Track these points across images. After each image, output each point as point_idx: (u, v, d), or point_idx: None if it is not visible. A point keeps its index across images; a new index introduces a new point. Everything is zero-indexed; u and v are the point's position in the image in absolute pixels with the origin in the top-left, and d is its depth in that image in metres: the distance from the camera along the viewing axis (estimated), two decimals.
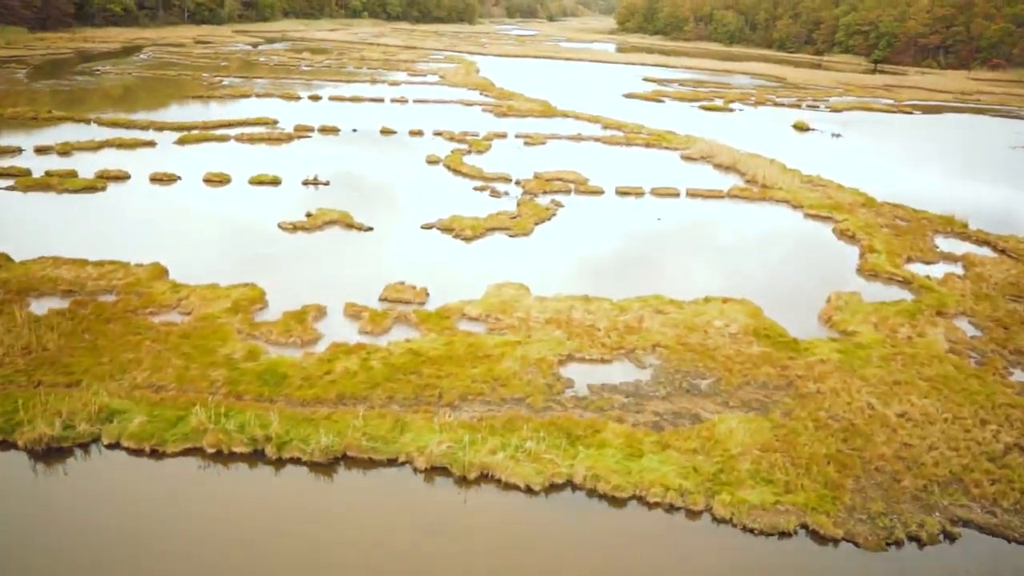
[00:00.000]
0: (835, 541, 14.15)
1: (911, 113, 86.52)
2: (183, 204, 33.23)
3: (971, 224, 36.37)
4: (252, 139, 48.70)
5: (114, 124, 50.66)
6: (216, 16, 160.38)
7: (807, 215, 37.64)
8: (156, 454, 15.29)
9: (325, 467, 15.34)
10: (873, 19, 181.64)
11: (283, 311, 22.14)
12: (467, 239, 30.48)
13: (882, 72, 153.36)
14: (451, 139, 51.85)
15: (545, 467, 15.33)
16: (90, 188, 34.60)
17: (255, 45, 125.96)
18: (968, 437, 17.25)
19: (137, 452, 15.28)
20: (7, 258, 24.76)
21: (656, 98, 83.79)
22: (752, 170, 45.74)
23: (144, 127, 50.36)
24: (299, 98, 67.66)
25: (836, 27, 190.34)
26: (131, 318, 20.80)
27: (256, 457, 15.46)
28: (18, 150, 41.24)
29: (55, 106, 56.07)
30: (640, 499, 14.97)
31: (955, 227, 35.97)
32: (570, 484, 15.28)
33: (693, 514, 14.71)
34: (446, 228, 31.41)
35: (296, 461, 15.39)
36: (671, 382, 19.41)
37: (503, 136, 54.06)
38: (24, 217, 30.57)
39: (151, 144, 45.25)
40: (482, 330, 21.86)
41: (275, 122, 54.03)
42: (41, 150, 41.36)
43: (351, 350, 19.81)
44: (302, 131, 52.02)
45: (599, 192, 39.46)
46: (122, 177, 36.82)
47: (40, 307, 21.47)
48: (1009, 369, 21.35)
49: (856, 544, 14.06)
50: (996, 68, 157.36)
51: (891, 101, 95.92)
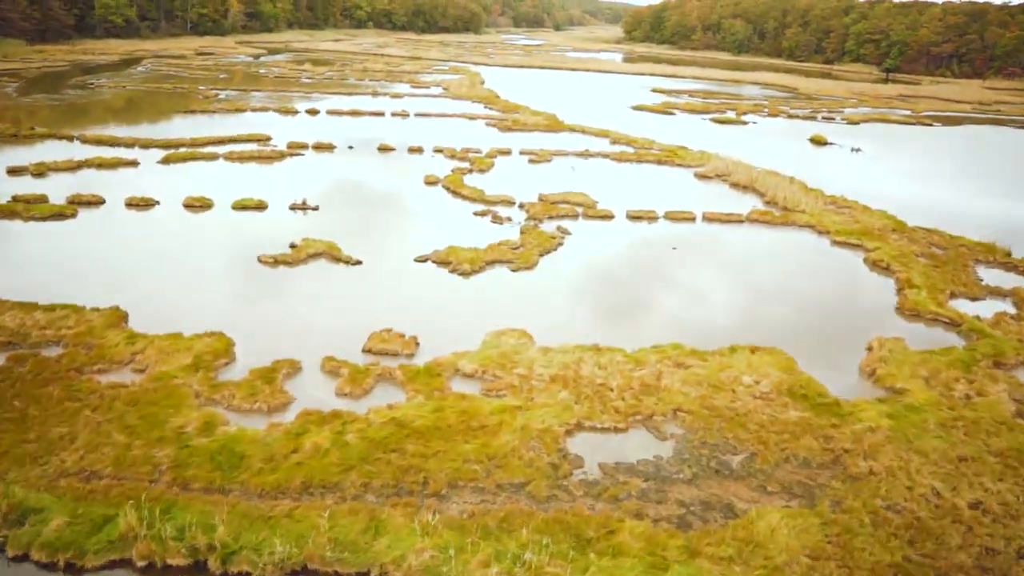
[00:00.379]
0: None
1: (930, 125, 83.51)
2: (157, 234, 30.62)
3: (1014, 251, 33.45)
4: (242, 157, 46.20)
5: (98, 141, 48.26)
6: (219, 27, 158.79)
7: (835, 242, 34.73)
8: (73, 569, 12.53)
9: None
10: (884, 28, 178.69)
11: (251, 367, 19.42)
12: (465, 274, 27.74)
13: (895, 81, 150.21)
14: (452, 156, 49.23)
15: None
16: (59, 215, 32.07)
17: (257, 56, 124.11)
18: None
19: (50, 567, 12.53)
20: None
21: (666, 110, 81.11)
22: (771, 190, 42.91)
23: (129, 144, 47.96)
24: (296, 112, 65.28)
25: (846, 36, 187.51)
26: (73, 379, 18.11)
27: (196, 572, 12.68)
28: None
29: (41, 122, 53.79)
30: None
31: (997, 256, 33.03)
32: None
33: None
34: (442, 261, 28.68)
35: None
36: (697, 459, 16.55)
37: (507, 153, 51.42)
38: None
39: (133, 164, 42.77)
40: (478, 390, 19.07)
41: (268, 138, 51.57)
42: (14, 171, 38.91)
43: (324, 419, 17.05)
44: (295, 148, 49.51)
45: (609, 216, 36.68)
46: (95, 202, 34.29)
47: None
48: None
49: None
50: (1012, 77, 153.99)
51: (908, 112, 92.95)
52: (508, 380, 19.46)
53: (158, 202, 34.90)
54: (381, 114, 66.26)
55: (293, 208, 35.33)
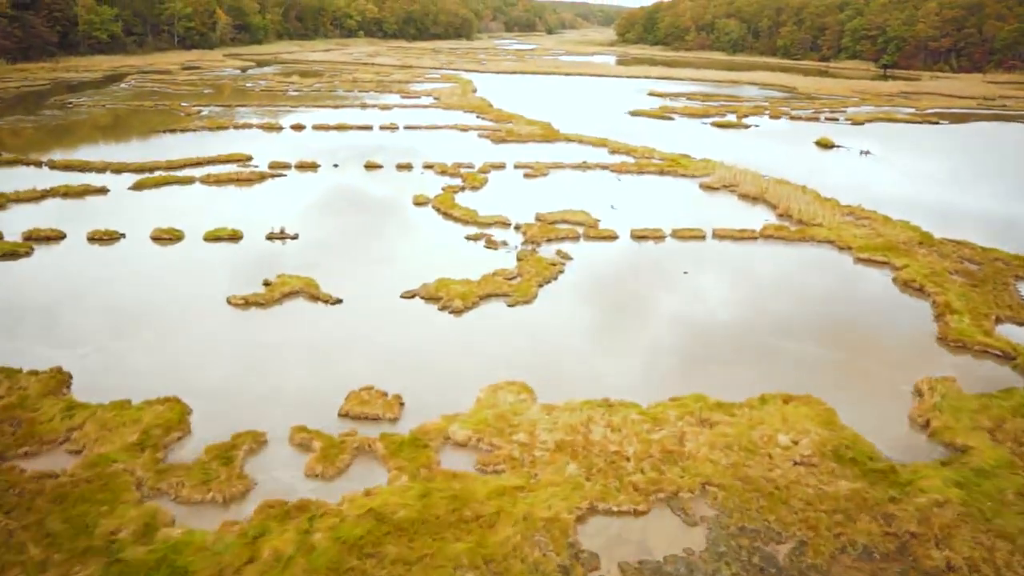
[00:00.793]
0: None
1: (936, 123, 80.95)
2: (118, 274, 27.82)
3: None
4: (219, 180, 43.45)
5: (67, 167, 45.53)
6: (207, 40, 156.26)
7: (858, 259, 32.00)
8: None
9: None
10: (880, 23, 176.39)
11: (208, 443, 16.67)
12: (456, 312, 24.98)
13: (893, 77, 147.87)
14: (443, 172, 46.52)
15: None
16: (11, 254, 29.28)
17: (244, 69, 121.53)
18: None
19: None
20: None
21: (664, 115, 78.48)
22: (784, 201, 40.20)
23: (101, 169, 45.21)
24: (281, 128, 62.58)
25: (842, 32, 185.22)
26: None
27: None
28: None
29: (10, 146, 51.09)
30: None
31: None
32: None
33: None
34: (431, 297, 25.93)
35: None
36: (735, 553, 13.80)
37: (500, 167, 48.72)
38: None
39: (103, 191, 40.02)
40: (472, 464, 16.32)
41: (249, 158, 48.84)
42: None
43: (289, 513, 14.29)
44: (277, 168, 46.81)
45: (612, 237, 33.95)
46: (55, 237, 31.53)
47: None
48: None
49: None
50: (1012, 70, 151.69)
51: (912, 110, 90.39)
52: (507, 450, 16.71)
53: (123, 235, 32.14)
54: (369, 128, 63.57)
55: (270, 238, 32.58)
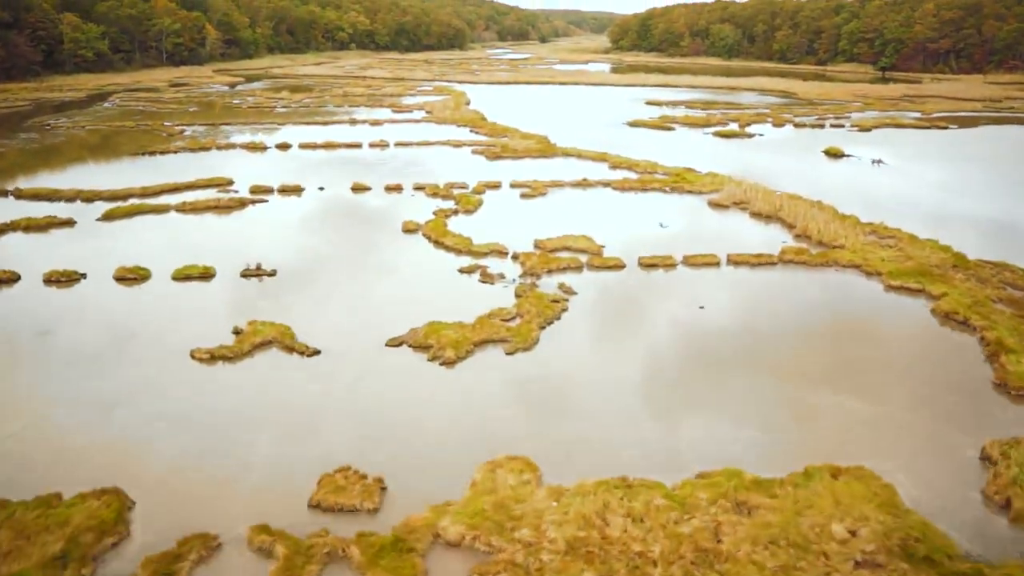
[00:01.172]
0: None
1: (945, 127, 78.45)
2: (69, 324, 24.97)
3: None
4: (196, 208, 40.70)
5: (35, 196, 42.83)
6: (196, 56, 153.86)
7: (889, 287, 29.24)
8: None
9: None
10: (877, 25, 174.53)
11: (148, 550, 13.84)
12: (449, 363, 22.17)
13: (893, 80, 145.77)
14: (434, 194, 43.80)
15: None
16: None
17: (233, 86, 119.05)
18: None
19: None
20: None
21: (664, 125, 75.91)
22: (800, 220, 37.50)
23: (70, 198, 42.49)
24: (266, 148, 59.91)
25: (838, 35, 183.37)
26: None
27: None
28: None
29: None
30: None
31: None
32: None
33: None
34: (420, 345, 23.12)
35: None
36: None
37: (496, 186, 46.03)
38: None
39: (69, 223, 37.24)
40: (466, 573, 13.49)
41: (230, 183, 46.13)
42: None
43: None
44: (259, 193, 44.10)
45: (618, 266, 31.18)
46: (8, 279, 28.73)
47: None
48: None
49: None
50: (1013, 70, 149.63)
51: (918, 114, 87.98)
52: (508, 553, 13.88)
53: (84, 276, 29.33)
54: (358, 146, 60.90)
55: (245, 275, 29.80)
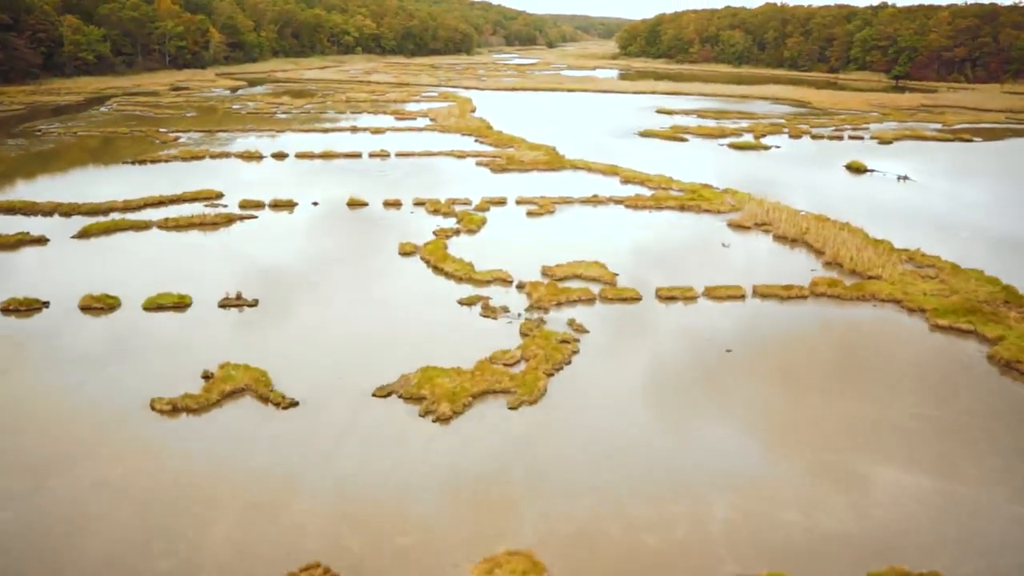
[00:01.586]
0: None
1: (970, 140, 75.47)
2: (18, 366, 22.25)
3: None
4: (180, 225, 38.04)
5: (11, 209, 40.29)
6: (199, 59, 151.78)
7: (935, 326, 26.31)
8: None
9: None
10: (891, 33, 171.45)
11: None
12: (443, 419, 19.38)
13: (907, 89, 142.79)
14: (435, 211, 41.07)
15: None
16: None
17: (234, 90, 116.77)
18: None
19: None
20: None
21: (676, 136, 73.05)
22: (829, 245, 34.62)
23: (48, 212, 39.96)
24: (261, 157, 57.36)
25: (850, 43, 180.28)
26: None
27: None
28: None
29: None
30: None
31: None
32: None
33: None
34: (412, 396, 20.34)
35: None
36: None
37: (501, 203, 43.28)
38: None
39: (41, 241, 34.66)
40: None
41: (219, 196, 43.56)
42: None
43: None
44: (249, 207, 41.47)
45: (634, 298, 28.34)
46: None
47: None
48: None
49: None
50: None
51: (940, 125, 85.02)
52: None
53: (46, 304, 26.69)
54: (358, 155, 58.26)
55: (224, 305, 27.09)
